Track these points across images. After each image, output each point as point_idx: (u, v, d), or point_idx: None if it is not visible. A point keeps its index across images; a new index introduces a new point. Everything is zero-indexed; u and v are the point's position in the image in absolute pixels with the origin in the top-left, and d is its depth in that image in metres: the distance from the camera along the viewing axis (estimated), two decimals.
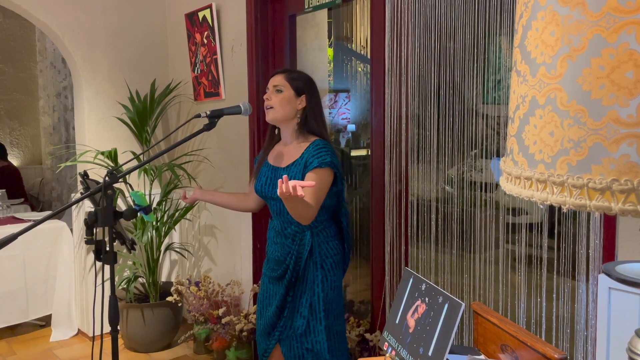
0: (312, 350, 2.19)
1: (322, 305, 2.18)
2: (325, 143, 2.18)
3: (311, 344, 2.19)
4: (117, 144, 3.86)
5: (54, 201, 6.79)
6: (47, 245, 3.92)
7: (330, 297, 2.20)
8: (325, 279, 2.19)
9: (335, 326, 2.24)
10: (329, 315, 2.21)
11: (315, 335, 2.19)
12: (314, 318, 2.19)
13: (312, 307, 2.18)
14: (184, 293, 3.48)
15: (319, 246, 2.20)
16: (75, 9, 3.75)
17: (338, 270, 2.24)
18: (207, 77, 3.72)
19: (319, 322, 2.18)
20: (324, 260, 2.20)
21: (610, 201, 0.70)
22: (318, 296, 2.18)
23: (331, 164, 2.12)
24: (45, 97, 6.84)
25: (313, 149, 2.15)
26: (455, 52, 2.26)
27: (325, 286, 2.19)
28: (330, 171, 2.14)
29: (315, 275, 2.18)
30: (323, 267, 2.19)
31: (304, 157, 2.15)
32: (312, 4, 3.05)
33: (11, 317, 3.81)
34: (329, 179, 2.15)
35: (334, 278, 2.22)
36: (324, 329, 2.18)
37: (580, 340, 1.85)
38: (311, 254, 2.18)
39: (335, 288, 2.23)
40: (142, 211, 2.05)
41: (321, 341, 2.18)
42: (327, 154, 2.13)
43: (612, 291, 1.47)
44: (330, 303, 2.21)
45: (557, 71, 0.75)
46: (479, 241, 2.24)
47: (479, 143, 2.24)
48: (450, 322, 1.24)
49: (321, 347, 2.18)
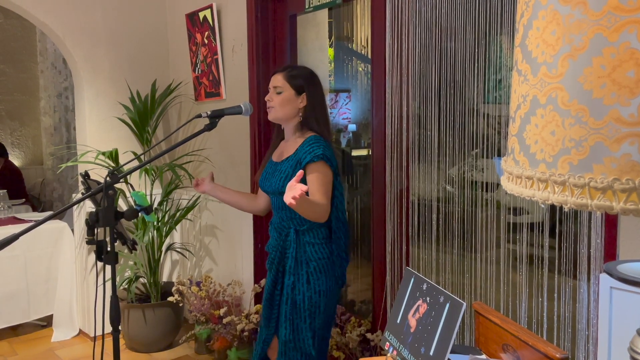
0: (295, 348, 2.19)
1: (307, 305, 2.16)
2: (318, 138, 2.17)
3: (294, 342, 2.19)
4: (118, 144, 3.86)
5: (55, 202, 6.80)
6: (49, 246, 3.92)
7: (315, 300, 2.16)
8: (309, 281, 2.16)
9: (322, 329, 2.21)
10: (315, 317, 2.18)
11: (299, 332, 2.18)
12: (298, 316, 2.17)
13: (297, 305, 2.17)
14: (185, 293, 3.48)
15: (303, 246, 2.18)
16: (76, 9, 3.75)
17: (322, 275, 2.17)
18: (208, 77, 3.72)
19: (302, 320, 2.17)
20: (308, 263, 2.17)
21: (611, 200, 0.70)
22: (303, 295, 2.16)
23: (323, 156, 2.10)
24: (46, 98, 6.85)
25: (306, 145, 2.15)
26: (456, 51, 2.26)
27: (309, 287, 2.16)
28: (325, 164, 2.12)
29: (300, 274, 2.17)
30: (307, 269, 2.17)
31: (297, 153, 2.16)
32: (312, 4, 3.05)
33: (13, 318, 3.81)
34: (329, 172, 2.13)
35: (318, 282, 2.16)
36: (308, 326, 2.16)
37: (581, 340, 1.85)
38: (297, 252, 2.18)
39: (321, 293, 2.17)
40: (143, 211, 2.05)
41: (305, 338, 2.17)
42: (320, 147, 2.12)
43: (614, 290, 1.47)
44: (317, 307, 2.17)
45: (558, 70, 0.75)
46: (480, 241, 2.24)
47: (480, 143, 2.24)
48: (451, 322, 1.24)
49: (305, 343, 2.17)
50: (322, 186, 2.09)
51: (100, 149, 3.74)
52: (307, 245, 2.18)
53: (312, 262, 2.17)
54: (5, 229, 3.78)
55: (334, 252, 2.21)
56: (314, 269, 2.17)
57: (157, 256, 3.73)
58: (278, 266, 2.22)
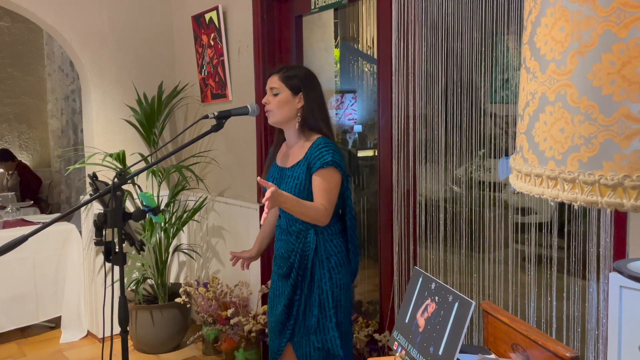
0: (322, 349, 2.18)
1: (332, 303, 2.17)
2: (327, 141, 2.16)
3: (321, 343, 2.18)
4: (125, 146, 3.88)
5: (63, 204, 6.84)
6: (57, 248, 3.94)
7: (337, 294, 2.19)
8: (331, 277, 2.18)
9: (344, 325, 2.24)
10: (338, 312, 2.20)
11: (326, 333, 2.18)
12: (324, 316, 2.18)
13: (322, 305, 2.18)
14: (193, 294, 3.48)
15: (323, 244, 2.19)
16: (82, 12, 3.77)
17: (343, 269, 2.22)
18: (214, 79, 3.73)
19: (329, 319, 2.17)
20: (329, 258, 2.19)
21: (622, 197, 0.70)
22: (326, 294, 2.17)
23: (333, 162, 2.10)
24: (53, 101, 6.89)
25: (315, 149, 2.14)
26: (463, 51, 2.25)
27: (332, 284, 2.18)
28: (334, 170, 2.13)
29: (322, 273, 2.18)
30: (328, 265, 2.19)
31: (307, 158, 2.15)
32: (318, 5, 3.05)
33: (21, 319, 3.84)
34: (336, 177, 2.14)
35: (339, 276, 2.20)
36: (334, 326, 2.17)
37: (591, 339, 1.84)
38: (316, 252, 2.18)
39: (342, 286, 2.21)
40: (151, 212, 2.06)
41: (333, 338, 2.17)
42: (329, 152, 2.11)
43: (624, 289, 1.46)
44: (339, 301, 2.20)
45: (567, 67, 0.75)
46: (488, 241, 2.23)
47: (487, 142, 2.23)
48: (460, 321, 1.23)
49: (333, 344, 2.17)
50: (325, 191, 2.11)
51: (108, 150, 3.76)
52: (325, 242, 2.19)
53: (333, 257, 2.19)
54: (13, 231, 3.80)
55: (349, 247, 2.26)
56: (334, 263, 2.19)
57: (164, 257, 3.74)
58: (298, 270, 2.19)
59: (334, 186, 2.13)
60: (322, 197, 2.10)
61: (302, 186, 2.14)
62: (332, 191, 2.12)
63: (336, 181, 2.14)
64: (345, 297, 2.23)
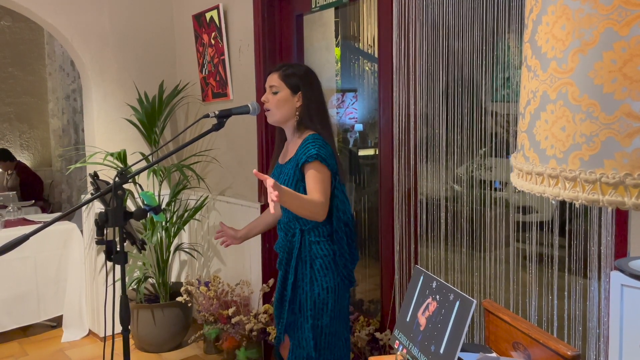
0: (299, 346, 2.19)
1: (309, 304, 2.15)
2: (316, 137, 2.12)
3: (297, 340, 2.19)
4: (126, 145, 3.88)
5: (64, 203, 6.84)
6: (58, 247, 3.94)
7: (323, 297, 2.15)
8: (314, 278, 2.15)
9: (330, 327, 2.18)
10: (322, 315, 2.16)
11: (302, 332, 2.18)
12: (302, 316, 2.18)
13: (301, 304, 2.18)
14: (194, 293, 3.49)
15: (308, 245, 2.17)
16: (83, 11, 3.77)
17: (329, 272, 2.15)
18: (215, 78, 3.73)
19: (305, 320, 2.17)
20: (314, 260, 2.16)
21: (623, 196, 0.70)
22: (306, 294, 2.16)
23: (318, 156, 2.06)
24: (54, 100, 6.89)
25: (303, 145, 2.13)
26: (464, 49, 2.25)
27: (315, 286, 2.14)
28: (319, 164, 2.07)
29: (304, 273, 2.17)
30: (312, 266, 2.16)
31: (297, 154, 2.14)
32: (319, 4, 3.05)
33: (23, 318, 3.84)
34: (324, 171, 2.09)
35: (326, 279, 2.15)
36: (310, 327, 2.15)
37: (592, 338, 1.84)
38: (300, 252, 2.17)
39: (329, 289, 2.15)
40: (152, 211, 2.06)
41: (307, 338, 2.16)
42: (315, 147, 2.08)
43: (625, 288, 1.46)
44: (324, 303, 2.16)
45: (568, 65, 0.75)
46: (489, 240, 2.23)
47: (488, 141, 2.23)
48: (461, 320, 1.23)
49: (307, 344, 2.16)
50: (318, 184, 2.06)
51: (109, 150, 3.76)
52: (312, 244, 2.17)
53: (318, 260, 2.16)
54: (15, 230, 3.81)
55: (336, 252, 2.18)
56: (320, 266, 2.15)
57: (165, 256, 3.74)
58: (286, 266, 2.23)
59: (323, 179, 2.08)
60: (314, 191, 2.05)
61: (291, 180, 2.13)
62: (322, 184, 2.07)
63: (324, 174, 2.09)
64: (335, 301, 2.17)
